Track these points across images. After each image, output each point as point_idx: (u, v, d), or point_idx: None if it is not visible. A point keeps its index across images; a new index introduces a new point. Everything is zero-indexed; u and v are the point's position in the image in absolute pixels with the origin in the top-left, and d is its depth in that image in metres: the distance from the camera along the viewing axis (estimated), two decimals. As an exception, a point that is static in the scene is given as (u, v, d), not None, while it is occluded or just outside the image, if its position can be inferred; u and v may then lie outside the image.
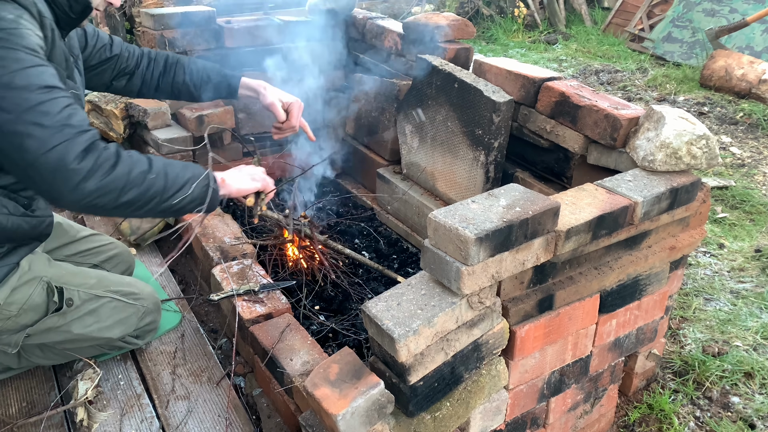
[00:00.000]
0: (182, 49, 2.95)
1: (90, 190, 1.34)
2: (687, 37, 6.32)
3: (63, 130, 1.31)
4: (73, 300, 1.76)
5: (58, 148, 1.30)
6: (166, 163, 1.49)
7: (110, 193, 1.37)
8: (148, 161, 1.45)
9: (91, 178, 1.33)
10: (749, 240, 3.23)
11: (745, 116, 4.83)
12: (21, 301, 1.67)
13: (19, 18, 1.34)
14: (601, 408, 2.03)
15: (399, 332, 1.26)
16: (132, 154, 1.44)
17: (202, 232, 2.38)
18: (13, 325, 1.68)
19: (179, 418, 1.79)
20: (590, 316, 1.74)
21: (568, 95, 2.11)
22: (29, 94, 1.29)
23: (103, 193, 1.36)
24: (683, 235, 1.92)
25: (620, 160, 1.95)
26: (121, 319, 1.86)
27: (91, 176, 1.33)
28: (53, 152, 1.29)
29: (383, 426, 1.35)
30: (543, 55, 6.90)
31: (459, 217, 1.34)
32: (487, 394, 1.56)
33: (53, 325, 1.73)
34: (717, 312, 2.64)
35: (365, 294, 2.38)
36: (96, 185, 1.34)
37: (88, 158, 1.33)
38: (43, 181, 1.32)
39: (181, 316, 2.21)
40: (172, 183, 1.47)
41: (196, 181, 1.51)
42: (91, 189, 1.34)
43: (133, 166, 1.41)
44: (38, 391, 1.89)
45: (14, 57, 1.29)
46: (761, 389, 2.24)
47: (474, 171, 2.43)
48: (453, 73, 2.41)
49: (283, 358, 1.73)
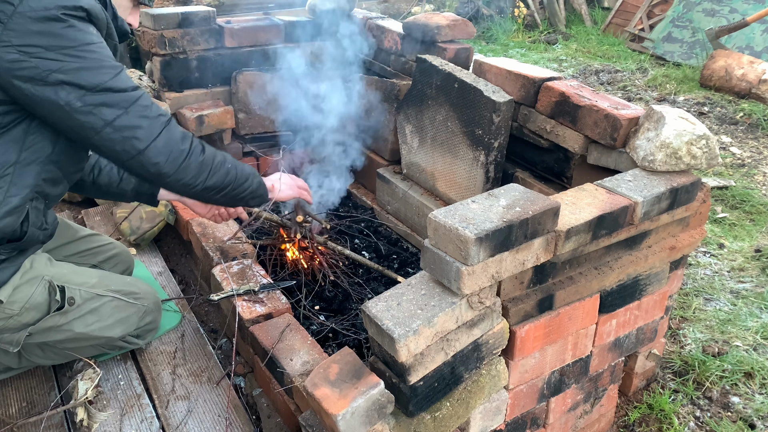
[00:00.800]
0: (182, 49, 2.95)
1: (190, 169, 1.58)
2: (687, 37, 6.32)
3: (160, 119, 1.54)
4: (75, 299, 1.76)
5: (164, 132, 1.53)
6: (225, 158, 1.70)
7: (202, 174, 1.62)
8: (220, 152, 1.68)
9: (190, 156, 1.58)
10: (749, 240, 3.23)
11: (745, 116, 4.83)
12: (23, 300, 1.67)
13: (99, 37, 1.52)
14: (601, 408, 2.03)
15: (399, 332, 1.26)
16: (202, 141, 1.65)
17: (202, 231, 2.38)
18: (15, 324, 1.68)
19: (179, 418, 1.79)
20: (590, 316, 1.74)
21: (568, 95, 2.11)
22: (129, 93, 1.50)
23: (198, 172, 1.60)
24: (683, 235, 1.92)
25: (620, 160, 1.95)
26: (121, 319, 1.86)
27: (191, 156, 1.58)
28: (161, 137, 1.52)
29: (383, 426, 1.35)
30: (543, 55, 6.90)
31: (459, 217, 1.34)
32: (487, 394, 1.56)
33: (55, 324, 1.73)
34: (717, 312, 2.64)
35: (365, 294, 2.38)
36: (195, 165, 1.59)
37: (186, 140, 1.58)
38: (154, 164, 1.53)
39: (181, 316, 2.21)
40: (240, 174, 1.72)
41: (255, 177, 1.78)
42: (191, 168, 1.59)
43: (215, 154, 1.65)
44: (38, 391, 1.89)
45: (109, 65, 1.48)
46: (761, 389, 2.24)
47: (474, 171, 2.43)
48: (453, 73, 2.41)
49: (283, 358, 1.73)
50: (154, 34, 2.87)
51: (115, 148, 1.50)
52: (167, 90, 3.01)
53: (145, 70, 3.22)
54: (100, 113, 1.46)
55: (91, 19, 1.48)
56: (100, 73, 1.45)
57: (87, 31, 1.46)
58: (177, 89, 3.03)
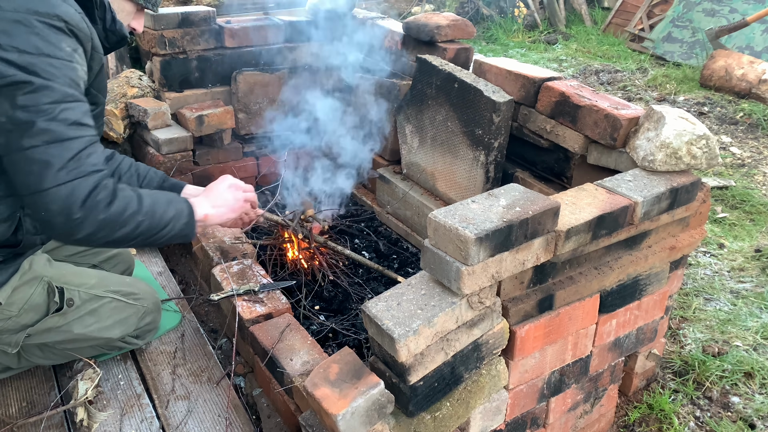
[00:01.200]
0: (182, 49, 2.95)
1: (86, 229, 1.41)
2: (687, 37, 6.32)
3: (79, 168, 1.38)
4: (74, 300, 1.76)
5: (70, 184, 1.37)
6: (154, 201, 1.55)
7: (102, 230, 1.44)
8: (138, 201, 1.51)
9: (88, 218, 1.40)
10: (749, 240, 3.23)
11: (745, 116, 4.83)
12: (22, 301, 1.67)
13: (74, 52, 1.41)
14: (601, 408, 2.03)
15: (399, 332, 1.26)
16: (125, 192, 1.49)
17: (201, 231, 2.38)
18: (14, 325, 1.68)
19: (179, 418, 1.79)
20: (590, 316, 1.74)
21: (568, 95, 2.11)
22: (63, 127, 1.36)
23: (96, 230, 1.43)
24: (683, 235, 1.92)
25: (620, 160, 1.95)
26: (121, 319, 1.86)
27: (88, 217, 1.40)
28: (65, 187, 1.36)
29: (383, 426, 1.35)
30: (543, 55, 6.90)
31: (459, 217, 1.34)
32: (487, 394, 1.56)
33: (54, 325, 1.73)
34: (717, 312, 2.64)
35: (365, 294, 2.38)
36: (92, 225, 1.41)
37: (90, 199, 1.40)
38: (46, 209, 1.37)
39: (181, 316, 2.21)
40: (157, 223, 1.55)
41: (178, 221, 1.60)
42: (87, 228, 1.41)
43: (125, 207, 1.47)
44: (38, 391, 1.89)
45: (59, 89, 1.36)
46: (761, 389, 2.24)
47: (474, 171, 2.43)
48: (453, 73, 2.41)
49: (283, 358, 1.73)
50: (154, 34, 2.87)
51: (19, 175, 1.36)
52: (167, 90, 3.01)
53: (145, 70, 3.22)
54: (20, 135, 1.32)
55: (69, 30, 1.39)
56: (42, 93, 1.33)
57: (56, 44, 1.35)
58: (177, 89, 3.03)
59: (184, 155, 2.85)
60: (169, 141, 2.78)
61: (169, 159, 2.81)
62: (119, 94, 2.92)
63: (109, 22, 1.59)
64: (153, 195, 1.57)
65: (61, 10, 1.37)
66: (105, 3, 1.58)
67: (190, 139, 2.85)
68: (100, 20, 1.57)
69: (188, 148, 2.86)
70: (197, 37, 2.97)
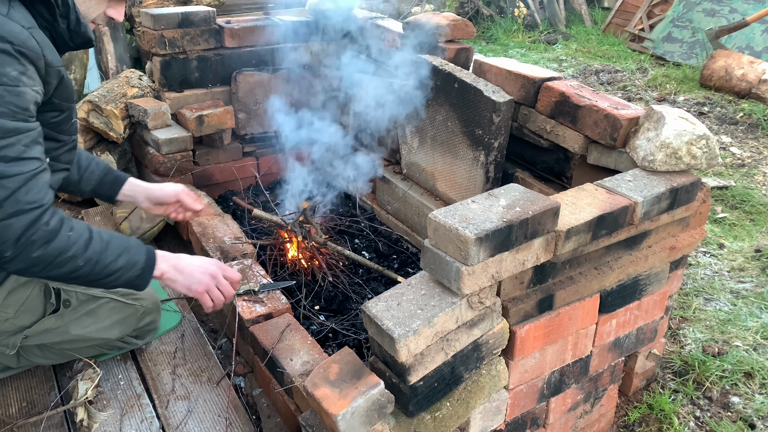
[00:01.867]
0: (182, 49, 2.95)
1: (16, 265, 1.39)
2: (687, 37, 6.32)
3: (14, 207, 1.34)
4: (71, 301, 1.75)
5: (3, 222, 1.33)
6: (104, 248, 1.50)
7: (35, 267, 1.41)
8: (85, 244, 1.46)
9: (19, 255, 1.37)
10: (749, 240, 3.23)
11: (745, 116, 4.83)
12: (18, 302, 1.66)
13: (21, 75, 1.35)
14: (601, 408, 2.03)
15: (399, 332, 1.26)
16: (73, 230, 1.45)
17: (202, 231, 2.38)
18: (11, 327, 1.68)
19: (179, 418, 1.79)
20: (590, 316, 1.74)
21: (568, 95, 2.11)
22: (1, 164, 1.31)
23: (28, 266, 1.40)
24: (683, 235, 1.92)
25: (620, 160, 1.95)
26: (119, 320, 1.85)
27: (20, 254, 1.37)
28: None
29: (383, 426, 1.35)
30: (543, 55, 6.90)
31: (459, 217, 1.34)
32: (487, 394, 1.56)
33: (51, 326, 1.73)
34: (717, 312, 2.64)
35: (365, 294, 2.38)
36: (24, 262, 1.38)
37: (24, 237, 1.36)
38: None
39: (181, 316, 2.21)
40: (99, 271, 1.50)
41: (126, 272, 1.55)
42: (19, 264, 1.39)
43: (64, 249, 1.42)
44: (38, 391, 1.89)
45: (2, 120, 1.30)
46: (761, 389, 2.24)
47: (474, 171, 2.43)
48: (453, 73, 2.41)
49: (283, 358, 1.73)
50: (154, 34, 2.87)
51: None
52: (167, 90, 3.01)
53: (145, 70, 3.22)
54: None
55: (16, 50, 1.32)
56: None
57: None
58: (177, 89, 3.03)
59: (184, 155, 2.85)
60: (169, 141, 2.78)
61: (169, 159, 2.81)
62: (119, 94, 2.92)
63: (73, 23, 1.51)
64: (110, 240, 1.53)
65: (4, 30, 1.30)
66: (69, 2, 1.49)
67: (190, 139, 2.85)
68: (63, 19, 1.50)
69: (188, 148, 2.86)
70: (197, 37, 2.97)
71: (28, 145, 1.38)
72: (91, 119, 2.88)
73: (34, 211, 1.38)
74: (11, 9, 1.35)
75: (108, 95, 2.89)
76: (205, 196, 2.71)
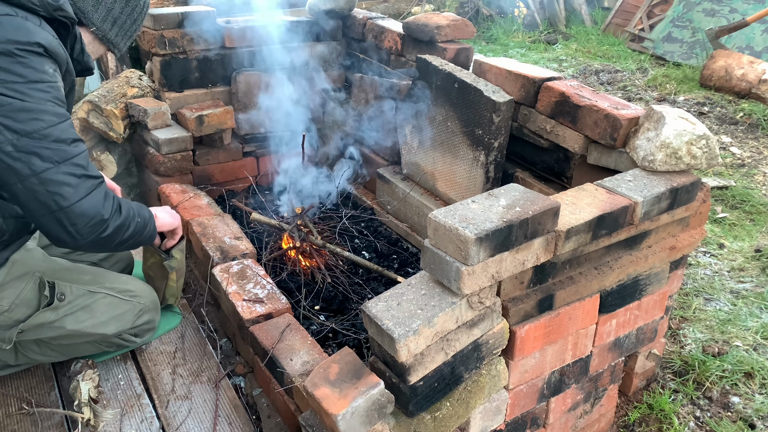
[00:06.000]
0: (182, 49, 2.95)
1: (108, 229, 1.55)
2: (687, 37, 6.32)
3: (90, 180, 1.51)
4: (65, 294, 1.76)
5: (90, 195, 1.50)
6: (133, 205, 1.70)
7: (118, 232, 1.59)
8: (128, 205, 1.66)
9: (111, 218, 1.55)
10: (749, 240, 3.23)
11: (745, 116, 4.83)
12: (12, 296, 1.68)
13: (56, 72, 1.50)
14: (601, 408, 2.03)
15: (399, 332, 1.26)
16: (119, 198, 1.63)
17: (202, 231, 2.38)
18: (6, 321, 1.69)
19: (179, 418, 1.79)
20: (590, 316, 1.74)
21: (568, 95, 2.11)
22: (66, 146, 1.46)
23: (114, 231, 1.57)
24: (683, 235, 1.92)
25: (620, 160, 1.95)
26: (116, 315, 1.86)
27: (112, 218, 1.55)
28: (87, 199, 1.49)
29: (383, 426, 1.35)
30: (543, 55, 6.90)
31: (459, 217, 1.34)
32: (487, 394, 1.56)
33: (45, 320, 1.74)
34: (717, 312, 2.64)
35: (365, 294, 2.38)
36: (113, 226, 1.57)
37: (108, 202, 1.55)
38: (73, 222, 1.48)
39: (181, 316, 2.21)
40: (143, 222, 1.71)
41: (151, 220, 1.77)
42: (110, 229, 1.56)
43: (128, 210, 1.63)
44: (38, 391, 1.89)
45: (53, 110, 1.45)
46: (761, 389, 2.24)
47: (474, 171, 2.43)
48: (453, 73, 2.41)
49: (283, 358, 1.73)
50: (154, 34, 2.87)
51: (37, 199, 1.44)
52: (167, 90, 3.01)
53: (145, 70, 3.21)
54: (29, 161, 1.40)
55: (48, 53, 1.46)
56: (40, 118, 1.41)
57: (40, 69, 1.43)
58: (177, 89, 3.03)
59: (184, 155, 2.85)
60: (169, 141, 2.78)
61: (169, 159, 2.81)
62: (119, 94, 2.92)
63: (77, 53, 1.65)
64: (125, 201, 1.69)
65: (40, 37, 1.43)
66: (77, 34, 1.64)
67: (190, 139, 2.85)
68: (70, 48, 1.64)
69: (188, 148, 2.86)
70: (197, 37, 2.97)
71: (75, 128, 1.56)
72: (91, 119, 2.88)
73: (102, 182, 1.55)
74: (42, 22, 1.50)
75: (108, 95, 2.89)
76: (204, 196, 2.71)
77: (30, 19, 1.45)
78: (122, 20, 1.74)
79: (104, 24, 1.71)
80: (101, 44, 1.76)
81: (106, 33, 1.73)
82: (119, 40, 1.77)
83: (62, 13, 1.53)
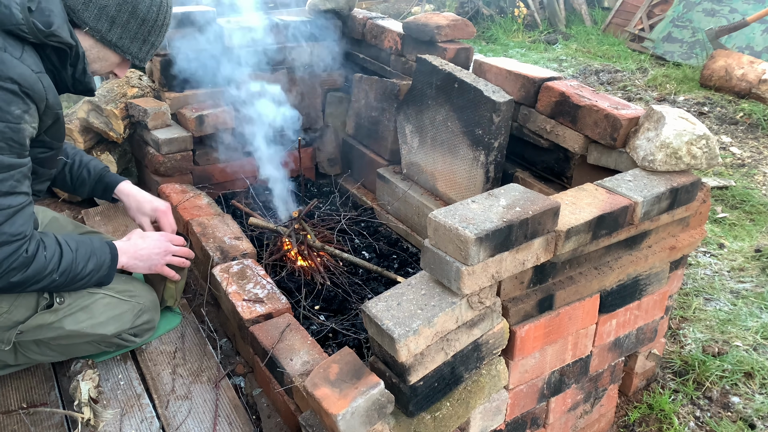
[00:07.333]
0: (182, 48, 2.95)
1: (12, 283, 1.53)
2: (687, 37, 6.32)
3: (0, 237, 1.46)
4: (64, 296, 1.76)
5: None
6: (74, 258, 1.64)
7: (15, 288, 1.56)
8: (58, 259, 1.60)
9: (0, 279, 1.50)
10: (749, 240, 3.23)
11: (745, 116, 4.83)
12: (11, 297, 1.67)
13: (24, 113, 1.45)
14: (601, 408, 2.03)
15: (399, 332, 1.26)
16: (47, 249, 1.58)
17: (201, 231, 2.38)
18: (5, 322, 1.68)
19: (179, 418, 1.79)
20: (590, 316, 1.74)
21: (568, 95, 2.11)
22: None
23: (7, 287, 1.54)
24: (683, 235, 1.92)
25: (620, 160, 1.95)
26: (115, 316, 1.86)
27: (1, 278, 1.50)
28: None
29: (383, 426, 1.35)
30: (543, 55, 6.90)
31: (459, 217, 1.34)
32: (487, 394, 1.56)
33: (45, 321, 1.73)
34: (717, 312, 2.64)
35: (365, 294, 2.38)
36: (3, 284, 1.52)
37: (4, 265, 1.48)
38: None
39: (181, 316, 2.21)
40: (72, 278, 1.66)
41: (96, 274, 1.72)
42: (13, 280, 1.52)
43: (41, 269, 1.57)
44: (38, 390, 1.89)
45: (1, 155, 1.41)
46: (761, 389, 2.24)
47: (474, 171, 2.43)
48: (453, 73, 2.41)
49: (283, 358, 1.73)
50: (154, 34, 2.87)
51: None
52: (167, 90, 3.01)
53: (145, 70, 3.21)
54: None
55: (22, 91, 1.41)
56: None
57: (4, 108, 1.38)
58: (177, 89, 3.02)
59: (184, 155, 2.85)
60: (169, 141, 2.78)
61: (169, 159, 2.81)
62: (119, 94, 2.92)
63: (79, 73, 1.60)
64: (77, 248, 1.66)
65: (15, 72, 1.39)
66: (80, 53, 1.57)
67: (190, 139, 2.85)
68: (71, 67, 1.58)
69: (188, 148, 2.86)
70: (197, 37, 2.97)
71: (19, 180, 1.50)
72: (91, 119, 2.88)
73: (17, 242, 1.50)
74: (24, 53, 1.45)
75: (108, 95, 2.89)
76: (204, 196, 2.70)
77: (9, 49, 1.39)
78: (122, 20, 1.62)
79: (99, 24, 1.60)
80: (108, 50, 1.66)
81: (105, 35, 1.61)
82: (129, 45, 1.66)
83: (55, 39, 1.46)
